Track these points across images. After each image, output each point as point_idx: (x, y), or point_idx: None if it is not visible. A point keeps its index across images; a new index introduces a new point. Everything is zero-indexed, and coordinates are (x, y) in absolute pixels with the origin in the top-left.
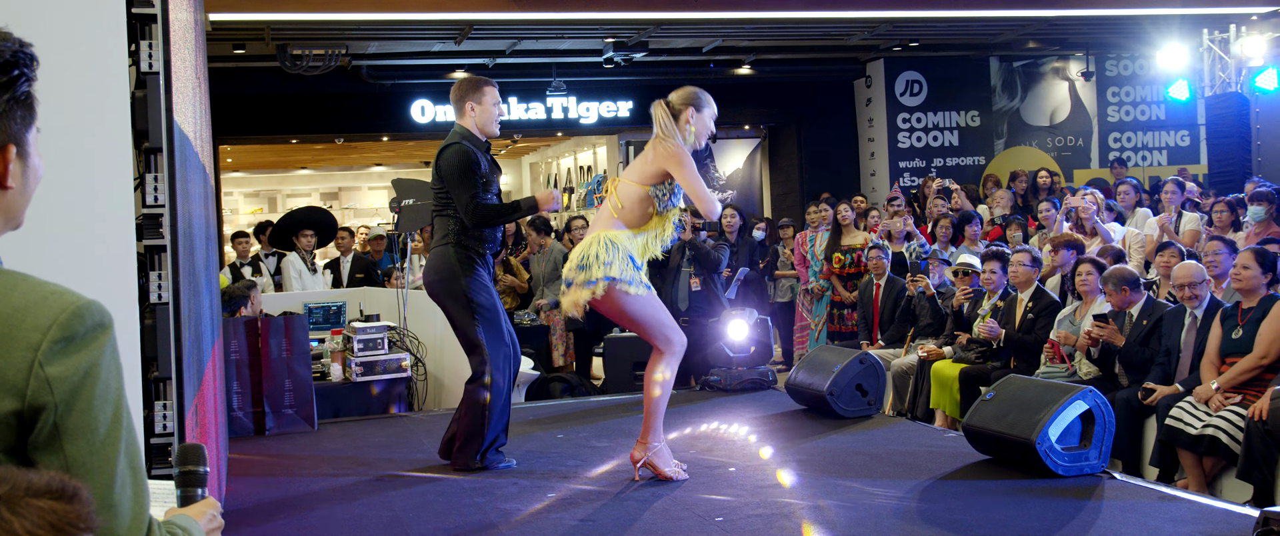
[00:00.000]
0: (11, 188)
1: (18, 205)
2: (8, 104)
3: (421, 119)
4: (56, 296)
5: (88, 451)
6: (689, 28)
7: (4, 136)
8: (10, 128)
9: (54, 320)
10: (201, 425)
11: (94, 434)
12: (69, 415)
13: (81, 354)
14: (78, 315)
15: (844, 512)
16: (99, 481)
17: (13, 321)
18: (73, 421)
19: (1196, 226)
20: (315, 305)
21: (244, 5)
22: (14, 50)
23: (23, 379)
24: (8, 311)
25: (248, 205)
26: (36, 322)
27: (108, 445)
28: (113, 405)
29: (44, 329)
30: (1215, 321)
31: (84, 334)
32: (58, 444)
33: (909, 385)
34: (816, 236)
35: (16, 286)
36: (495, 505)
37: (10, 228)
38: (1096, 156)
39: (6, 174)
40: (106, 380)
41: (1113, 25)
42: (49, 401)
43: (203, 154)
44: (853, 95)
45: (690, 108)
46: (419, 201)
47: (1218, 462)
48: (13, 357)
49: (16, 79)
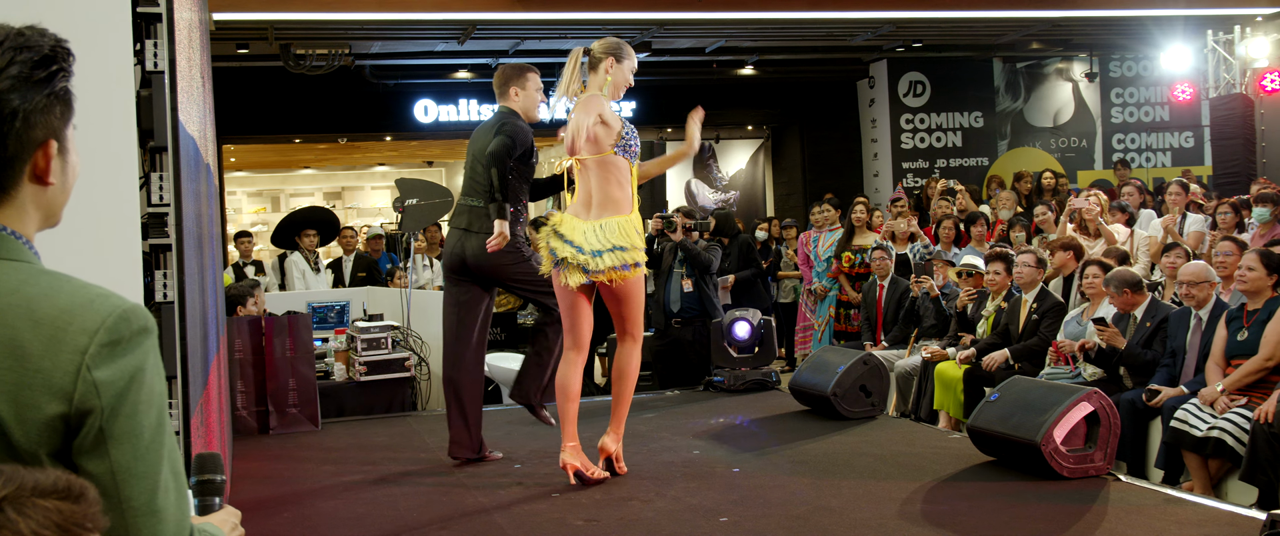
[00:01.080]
0: (53, 184)
1: (58, 202)
2: (48, 99)
3: (424, 119)
4: (102, 299)
5: (133, 456)
6: (692, 28)
7: (46, 132)
8: (51, 123)
9: (101, 324)
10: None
11: (139, 438)
12: (115, 420)
13: (128, 358)
14: (124, 318)
15: (847, 513)
16: (144, 486)
17: (59, 324)
18: (119, 426)
19: (1201, 228)
20: (319, 304)
21: (248, 5)
22: (52, 45)
23: (70, 382)
24: (53, 314)
25: (251, 204)
26: (84, 326)
27: (152, 450)
28: (157, 409)
29: (91, 332)
30: (1221, 323)
31: (130, 337)
32: (104, 449)
33: (912, 386)
34: (820, 237)
35: (61, 288)
36: (499, 505)
37: (49, 225)
38: (1100, 158)
39: (49, 169)
40: (150, 384)
41: (1117, 26)
42: (96, 405)
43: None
44: (856, 96)
45: (610, 57)
46: (422, 201)
47: (1223, 465)
48: (60, 361)
49: (55, 74)
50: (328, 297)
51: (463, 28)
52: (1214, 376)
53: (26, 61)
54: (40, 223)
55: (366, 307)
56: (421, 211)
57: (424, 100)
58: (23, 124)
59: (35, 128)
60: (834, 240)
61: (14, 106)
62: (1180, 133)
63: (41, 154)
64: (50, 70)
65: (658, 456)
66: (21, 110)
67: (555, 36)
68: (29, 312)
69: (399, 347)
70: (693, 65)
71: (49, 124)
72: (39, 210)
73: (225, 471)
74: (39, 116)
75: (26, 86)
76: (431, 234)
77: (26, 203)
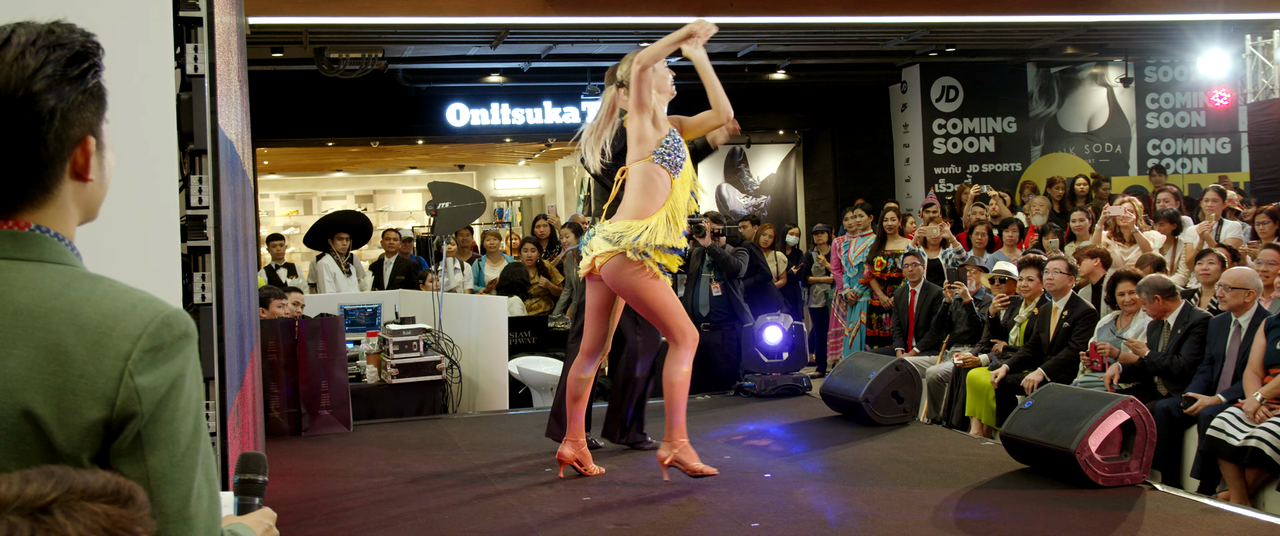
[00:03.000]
0: (92, 180)
1: (97, 197)
2: (83, 96)
3: (456, 123)
4: (145, 304)
5: (169, 463)
6: (724, 32)
7: (82, 128)
8: (87, 119)
9: (144, 329)
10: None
11: (176, 445)
12: (154, 426)
13: (170, 364)
14: (166, 324)
15: (880, 520)
16: (177, 494)
17: (103, 329)
18: (157, 432)
19: (1237, 235)
20: (352, 307)
21: (283, 9)
22: (82, 41)
23: (113, 387)
24: (97, 318)
25: (284, 207)
26: (127, 331)
27: (188, 457)
28: (194, 416)
29: (134, 337)
30: (1259, 331)
31: (172, 343)
32: (140, 454)
33: (944, 392)
34: (851, 242)
35: (105, 293)
36: (530, 508)
37: (87, 220)
38: (1135, 164)
39: (88, 165)
40: (190, 391)
41: (1152, 30)
42: (137, 411)
43: (243, 156)
44: (888, 101)
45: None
46: (455, 205)
47: (1260, 474)
48: (103, 366)
49: (87, 70)
50: (360, 300)
51: (495, 32)
52: (1252, 384)
53: (60, 60)
54: (80, 218)
55: (399, 310)
56: (454, 215)
57: (456, 104)
58: (61, 123)
59: (73, 125)
60: (865, 245)
61: (51, 106)
62: (1217, 138)
63: (80, 151)
64: (82, 67)
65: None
66: (59, 109)
67: (587, 41)
68: (72, 317)
69: (430, 350)
70: (725, 69)
71: (85, 120)
72: (79, 207)
73: (267, 473)
74: (75, 114)
75: (62, 85)
76: (463, 237)
77: (68, 201)
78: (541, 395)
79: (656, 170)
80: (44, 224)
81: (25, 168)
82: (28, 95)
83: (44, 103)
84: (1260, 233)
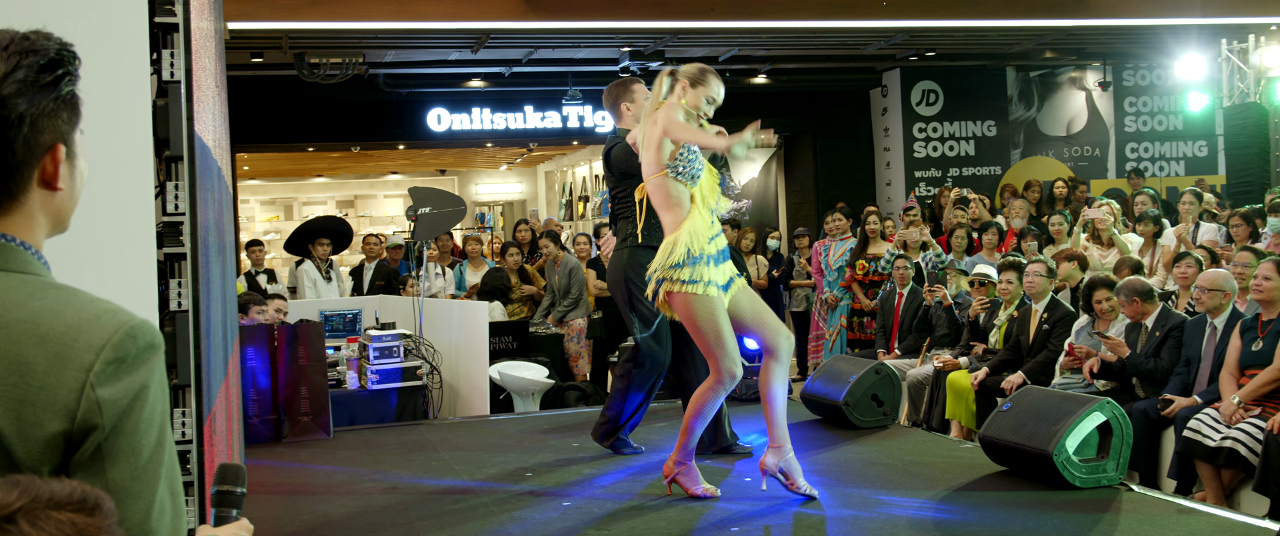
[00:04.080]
0: (61, 189)
1: (67, 207)
2: (55, 103)
3: (437, 127)
4: (109, 315)
5: (130, 476)
6: (705, 37)
7: (52, 136)
8: (58, 127)
9: (107, 340)
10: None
11: (138, 458)
12: (117, 438)
13: (133, 376)
14: (131, 335)
15: (860, 523)
16: (138, 506)
17: (65, 340)
18: (119, 444)
19: (1214, 237)
20: (332, 313)
21: (263, 14)
22: (57, 48)
23: (74, 399)
24: (60, 329)
25: (264, 213)
26: (89, 342)
27: (150, 470)
28: (158, 428)
29: (97, 349)
30: (1234, 333)
31: (136, 355)
32: (101, 466)
33: (924, 395)
34: (832, 246)
35: (68, 303)
36: (511, 514)
37: (58, 231)
38: (1113, 167)
39: (57, 175)
40: (153, 403)
41: (1131, 35)
42: (98, 423)
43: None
44: (869, 104)
45: (686, 79)
46: (435, 210)
47: (1236, 475)
48: (64, 377)
49: (61, 78)
50: (340, 306)
51: (476, 37)
52: (1227, 386)
53: (32, 66)
54: (49, 229)
55: (379, 316)
56: (434, 220)
57: (437, 109)
58: (30, 129)
59: (43, 132)
60: (846, 249)
61: (20, 111)
62: (1194, 142)
63: (49, 159)
64: (56, 74)
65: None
66: (28, 115)
67: (568, 45)
68: (35, 328)
69: (411, 356)
70: None
71: (56, 128)
72: (47, 216)
73: (246, 484)
74: (46, 121)
75: (33, 91)
76: (443, 242)
77: (35, 209)
78: (522, 400)
79: (672, 184)
80: (9, 232)
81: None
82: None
83: (13, 108)
84: (1235, 235)
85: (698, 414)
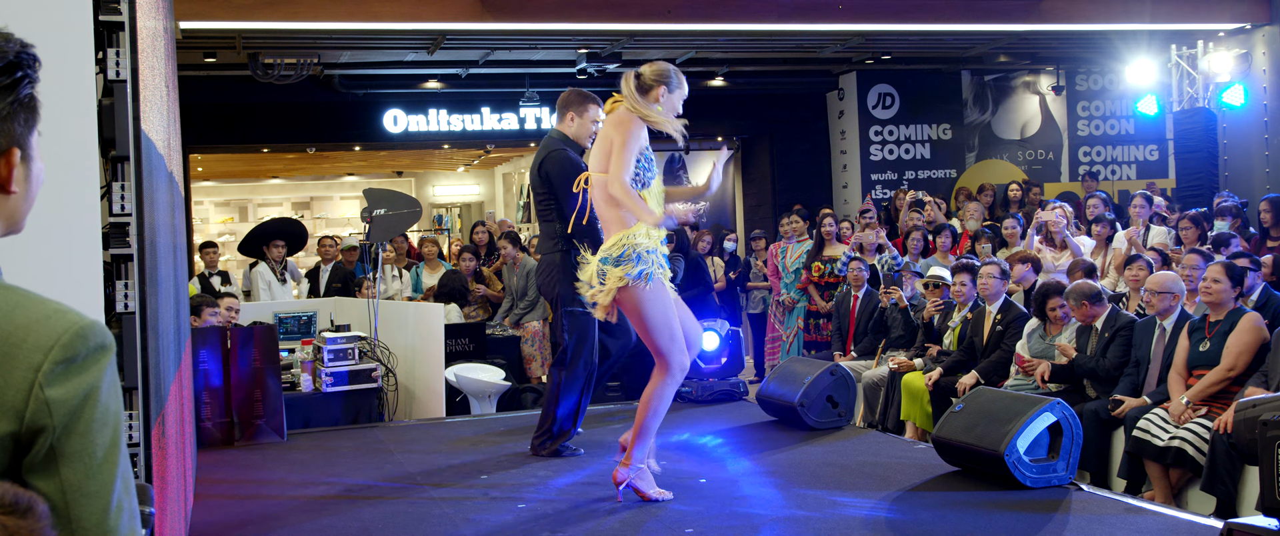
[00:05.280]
0: (15, 192)
1: (20, 210)
2: (11, 107)
3: (393, 129)
4: (59, 315)
5: (85, 475)
6: (662, 39)
7: (7, 140)
8: (14, 130)
9: (56, 341)
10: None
11: (91, 458)
12: (68, 438)
13: (82, 376)
14: (80, 336)
15: (813, 524)
16: (95, 506)
17: (14, 340)
18: (71, 444)
19: (1164, 240)
20: (286, 315)
21: (215, 14)
22: (16, 51)
23: (22, 400)
24: (9, 330)
25: (218, 214)
26: (38, 343)
27: (105, 469)
28: (111, 428)
29: (45, 349)
30: (1182, 334)
31: (85, 355)
32: (54, 467)
33: (880, 397)
34: (789, 248)
35: (17, 304)
36: (465, 517)
37: (11, 232)
38: (1067, 170)
39: (10, 178)
40: (106, 403)
41: (1083, 40)
42: (47, 424)
43: (172, 162)
44: (825, 107)
45: (662, 85)
46: (391, 211)
47: (1184, 474)
48: (13, 378)
49: (20, 81)
50: (294, 308)
51: (432, 38)
52: (1176, 386)
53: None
54: (2, 230)
55: (334, 318)
56: (390, 222)
57: (393, 110)
58: None
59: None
60: (802, 251)
61: None
62: (1145, 146)
63: (3, 162)
64: (14, 77)
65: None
66: None
67: (525, 47)
68: None
69: (366, 358)
70: None
71: (11, 132)
72: (1, 219)
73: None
74: (1, 124)
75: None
76: (399, 244)
77: None
78: (479, 402)
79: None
80: None
81: None
82: None
83: None
84: (1184, 238)
85: (652, 412)
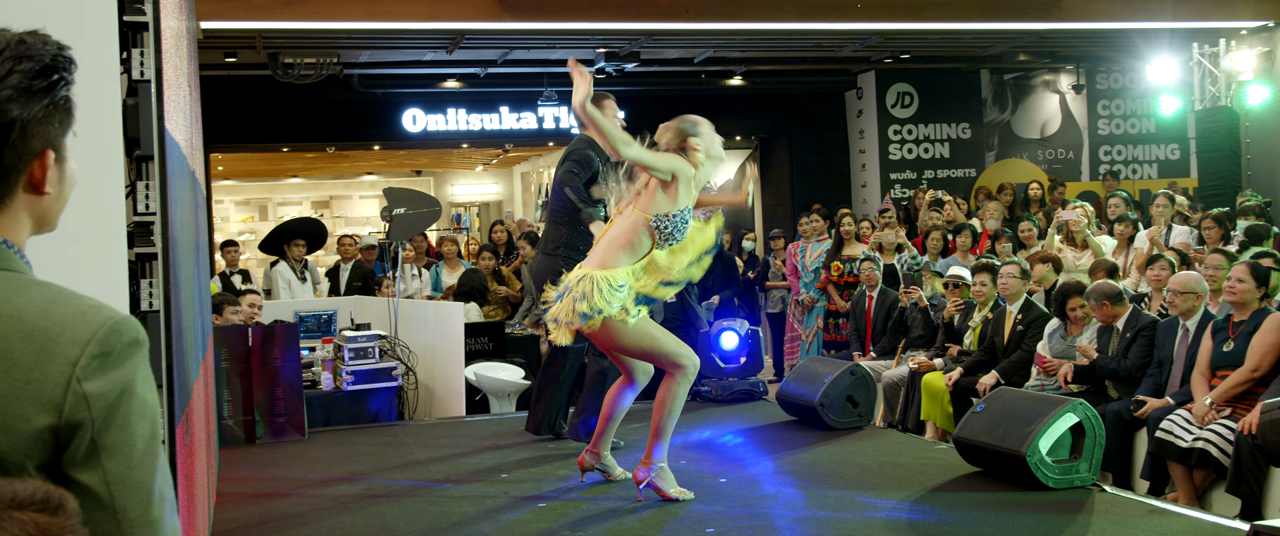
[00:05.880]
0: (48, 193)
1: (54, 211)
2: (47, 109)
3: (412, 128)
4: (94, 311)
5: (127, 466)
6: (681, 39)
7: (42, 142)
8: (49, 133)
9: (92, 335)
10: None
11: (133, 449)
12: (107, 431)
13: (118, 370)
14: (115, 331)
15: (835, 524)
16: (139, 497)
17: (50, 335)
18: (111, 437)
19: (1186, 240)
20: (306, 314)
21: (236, 14)
22: (53, 53)
23: (60, 394)
24: (44, 324)
25: (238, 213)
26: (74, 338)
27: (146, 461)
28: (149, 421)
29: (82, 344)
30: (1206, 334)
31: (121, 350)
32: (97, 460)
33: (899, 397)
34: (808, 247)
35: (53, 299)
36: (486, 515)
37: (43, 231)
38: (1087, 169)
39: (45, 179)
40: (142, 396)
41: (1103, 39)
42: (86, 418)
43: (194, 162)
44: (844, 106)
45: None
46: (410, 210)
47: (1208, 476)
48: (50, 372)
49: (56, 83)
50: (315, 307)
51: (451, 37)
52: (1199, 387)
53: (27, 71)
54: (33, 230)
55: (355, 317)
56: (409, 221)
57: (412, 109)
58: (20, 134)
59: (33, 138)
60: (822, 251)
61: (13, 116)
62: (1166, 145)
63: (38, 164)
64: (51, 80)
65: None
66: (20, 120)
67: (544, 46)
68: (19, 323)
69: (386, 357)
70: (681, 75)
71: (47, 134)
72: (32, 218)
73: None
74: (37, 126)
75: (26, 96)
76: (418, 243)
77: (20, 211)
78: (499, 401)
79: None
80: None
81: None
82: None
83: (6, 112)
84: (1207, 237)
85: (667, 413)
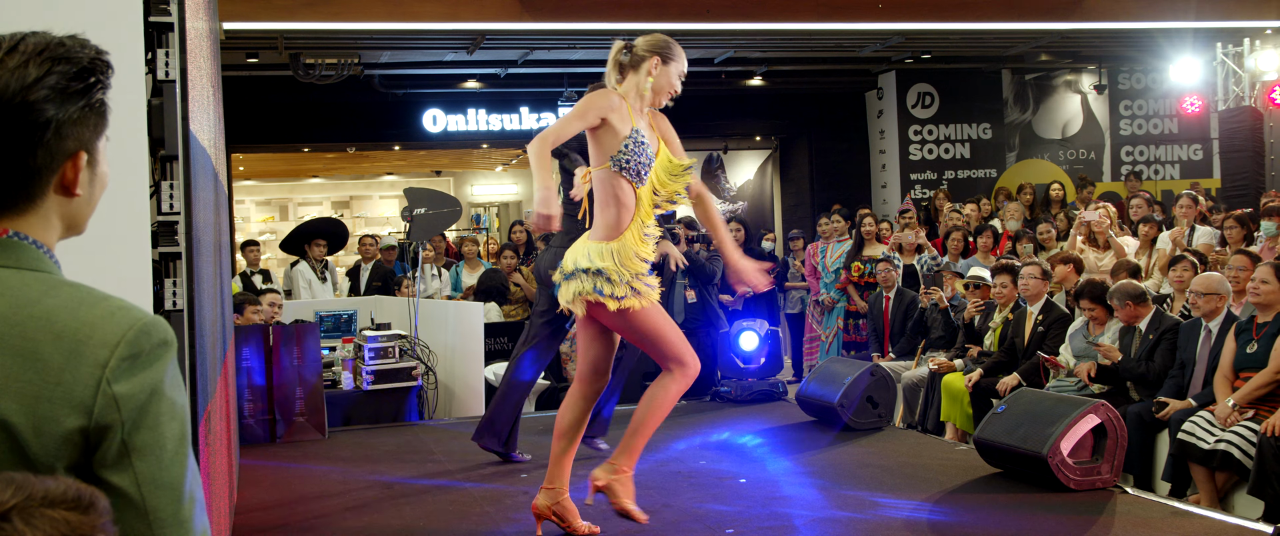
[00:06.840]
0: (79, 195)
1: (83, 213)
2: (82, 111)
3: (433, 128)
4: (123, 312)
5: (158, 467)
6: (701, 39)
7: (75, 143)
8: (83, 134)
9: (121, 337)
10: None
11: (163, 450)
12: (138, 432)
13: (147, 372)
14: (144, 332)
15: (855, 524)
16: (170, 497)
17: (80, 337)
18: (142, 438)
19: (1210, 241)
20: (326, 313)
21: (258, 15)
22: (91, 57)
23: (90, 396)
24: (74, 326)
25: (259, 213)
26: (104, 339)
27: (177, 461)
28: (179, 422)
29: (112, 346)
30: (1229, 335)
31: (150, 351)
32: (128, 461)
33: (919, 397)
34: (828, 247)
35: (82, 300)
36: (505, 514)
37: (72, 234)
38: (1109, 169)
39: (76, 181)
40: (171, 397)
41: (1126, 38)
42: (115, 419)
43: (217, 162)
44: (864, 107)
45: (656, 56)
46: (430, 210)
47: (1230, 478)
48: (80, 374)
49: (93, 86)
50: (335, 306)
51: (472, 38)
52: (1222, 389)
53: (64, 73)
54: (63, 232)
55: (375, 317)
56: (430, 221)
57: (433, 110)
58: (54, 135)
59: (67, 139)
60: (842, 251)
61: (48, 117)
62: (1189, 145)
63: (71, 165)
64: (87, 82)
65: (664, 466)
66: (55, 120)
67: (564, 47)
68: (49, 324)
69: (406, 357)
70: (701, 75)
71: (81, 136)
72: (62, 220)
73: None
74: (71, 128)
75: (63, 97)
76: (438, 243)
77: (51, 212)
78: None
79: (616, 180)
80: (23, 231)
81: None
82: (24, 104)
83: (40, 113)
84: (1230, 238)
85: (651, 409)
